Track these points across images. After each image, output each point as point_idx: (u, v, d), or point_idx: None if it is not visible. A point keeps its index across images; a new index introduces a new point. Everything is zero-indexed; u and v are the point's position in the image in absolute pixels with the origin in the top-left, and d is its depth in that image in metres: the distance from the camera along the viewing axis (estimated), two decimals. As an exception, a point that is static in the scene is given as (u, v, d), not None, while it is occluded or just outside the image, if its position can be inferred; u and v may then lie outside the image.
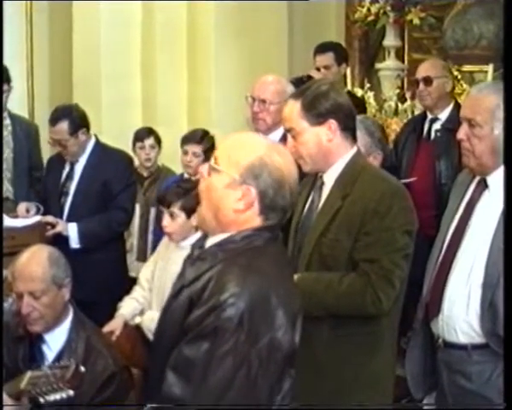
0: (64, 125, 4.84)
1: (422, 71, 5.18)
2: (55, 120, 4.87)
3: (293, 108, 3.11)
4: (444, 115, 5.09)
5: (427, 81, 5.09)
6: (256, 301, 2.20)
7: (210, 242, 2.38)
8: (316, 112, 3.08)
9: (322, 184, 3.19)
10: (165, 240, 4.31)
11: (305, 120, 3.09)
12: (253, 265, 2.26)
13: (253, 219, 2.32)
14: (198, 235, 4.01)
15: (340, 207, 3.08)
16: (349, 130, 3.14)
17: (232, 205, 2.31)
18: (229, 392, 2.17)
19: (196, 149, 5.26)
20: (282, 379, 2.29)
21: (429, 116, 5.16)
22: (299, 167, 3.28)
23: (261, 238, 2.32)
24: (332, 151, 3.12)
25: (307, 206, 3.24)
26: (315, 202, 3.20)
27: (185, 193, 4.05)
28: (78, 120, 4.91)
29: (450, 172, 4.81)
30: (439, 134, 5.06)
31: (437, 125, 5.10)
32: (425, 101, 5.16)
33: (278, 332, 2.23)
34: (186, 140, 5.38)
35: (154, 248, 4.69)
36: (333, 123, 3.09)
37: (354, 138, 3.18)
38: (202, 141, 5.30)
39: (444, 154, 4.92)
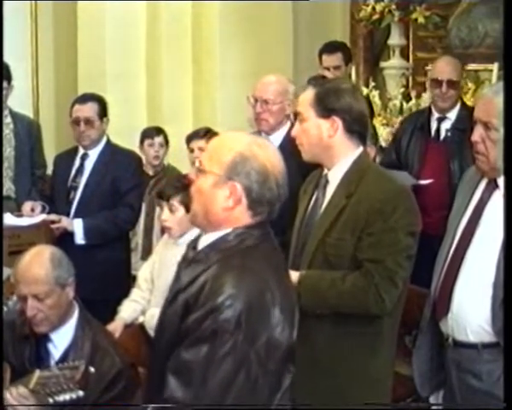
0: (95, 106, 4.95)
1: (445, 73, 4.98)
2: (85, 99, 4.99)
3: (307, 95, 3.19)
4: (453, 115, 4.98)
5: (452, 84, 4.95)
6: (252, 301, 2.22)
7: (203, 242, 2.40)
8: (323, 105, 3.13)
9: (327, 182, 3.21)
10: (163, 239, 4.33)
11: (313, 109, 3.15)
12: (246, 265, 2.28)
13: (243, 215, 2.34)
14: (196, 231, 4.04)
15: (345, 207, 3.09)
16: (355, 132, 3.15)
17: (221, 204, 2.33)
18: (229, 393, 2.19)
19: (201, 143, 5.28)
20: (282, 376, 2.31)
21: (436, 115, 5.04)
22: (306, 164, 3.32)
23: (253, 237, 2.34)
24: (334, 148, 3.15)
25: (311, 204, 3.25)
26: (319, 200, 3.21)
27: (184, 187, 4.06)
28: (105, 108, 5.02)
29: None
30: (449, 134, 4.96)
31: (446, 125, 4.99)
32: (445, 103, 4.98)
33: (275, 331, 2.25)
34: (190, 138, 5.41)
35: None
36: (336, 121, 3.12)
37: (362, 141, 3.20)
38: (206, 135, 5.31)
39: (457, 154, 4.83)
